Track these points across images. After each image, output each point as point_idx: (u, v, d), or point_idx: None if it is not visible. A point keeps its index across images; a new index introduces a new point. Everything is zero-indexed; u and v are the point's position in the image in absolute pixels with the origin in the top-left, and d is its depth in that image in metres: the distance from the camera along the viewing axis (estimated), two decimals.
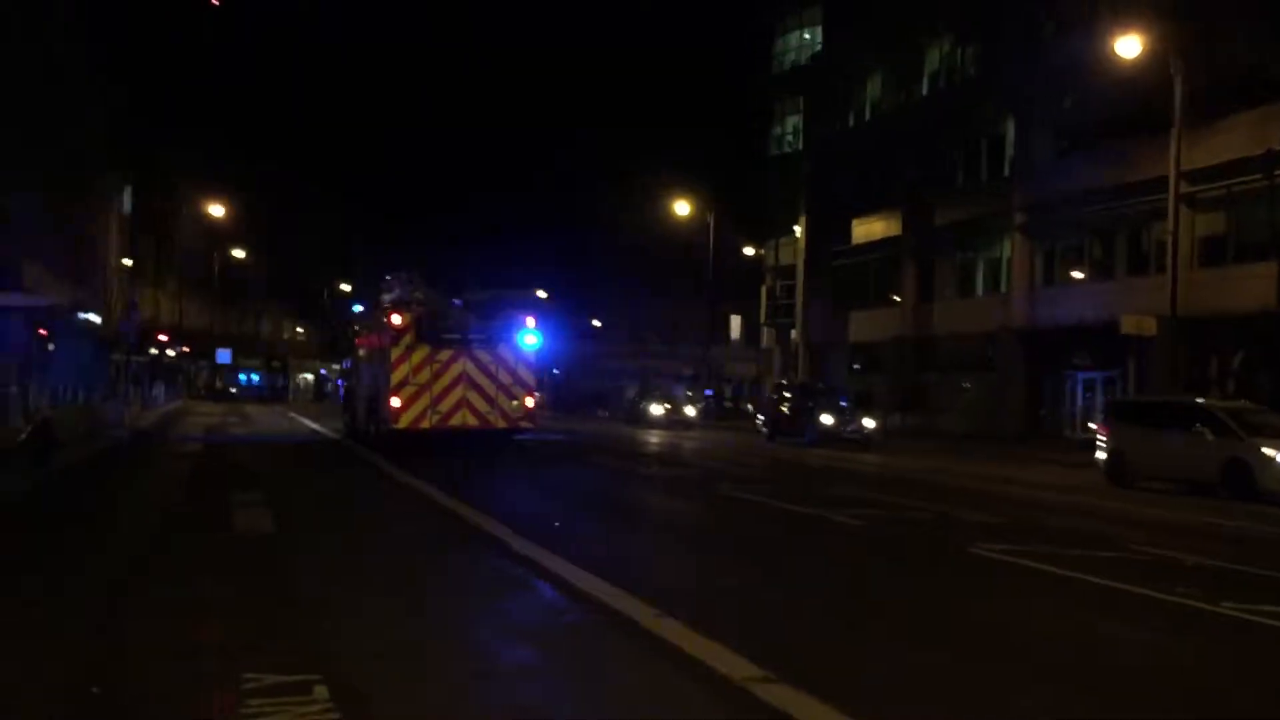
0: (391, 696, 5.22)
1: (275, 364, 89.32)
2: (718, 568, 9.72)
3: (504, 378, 21.71)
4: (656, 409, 43.60)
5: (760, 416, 35.37)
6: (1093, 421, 32.83)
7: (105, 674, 5.58)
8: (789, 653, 5.97)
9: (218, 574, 8.40)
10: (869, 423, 31.08)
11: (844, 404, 32.49)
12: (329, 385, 75.99)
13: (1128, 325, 27.90)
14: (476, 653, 6.23)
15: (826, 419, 30.72)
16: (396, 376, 20.99)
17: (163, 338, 54.82)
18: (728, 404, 60.72)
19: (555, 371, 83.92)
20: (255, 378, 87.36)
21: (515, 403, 21.78)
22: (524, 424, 22.27)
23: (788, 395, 34.56)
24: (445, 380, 21.19)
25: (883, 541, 11.73)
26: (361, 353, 25.62)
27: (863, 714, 4.92)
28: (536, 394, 23.28)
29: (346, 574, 8.64)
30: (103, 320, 44.63)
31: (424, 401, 21.02)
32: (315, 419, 37.99)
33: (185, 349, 66.85)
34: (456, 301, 23.86)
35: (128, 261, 47.10)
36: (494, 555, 9.51)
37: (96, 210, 44.80)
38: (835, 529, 12.35)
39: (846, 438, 30.05)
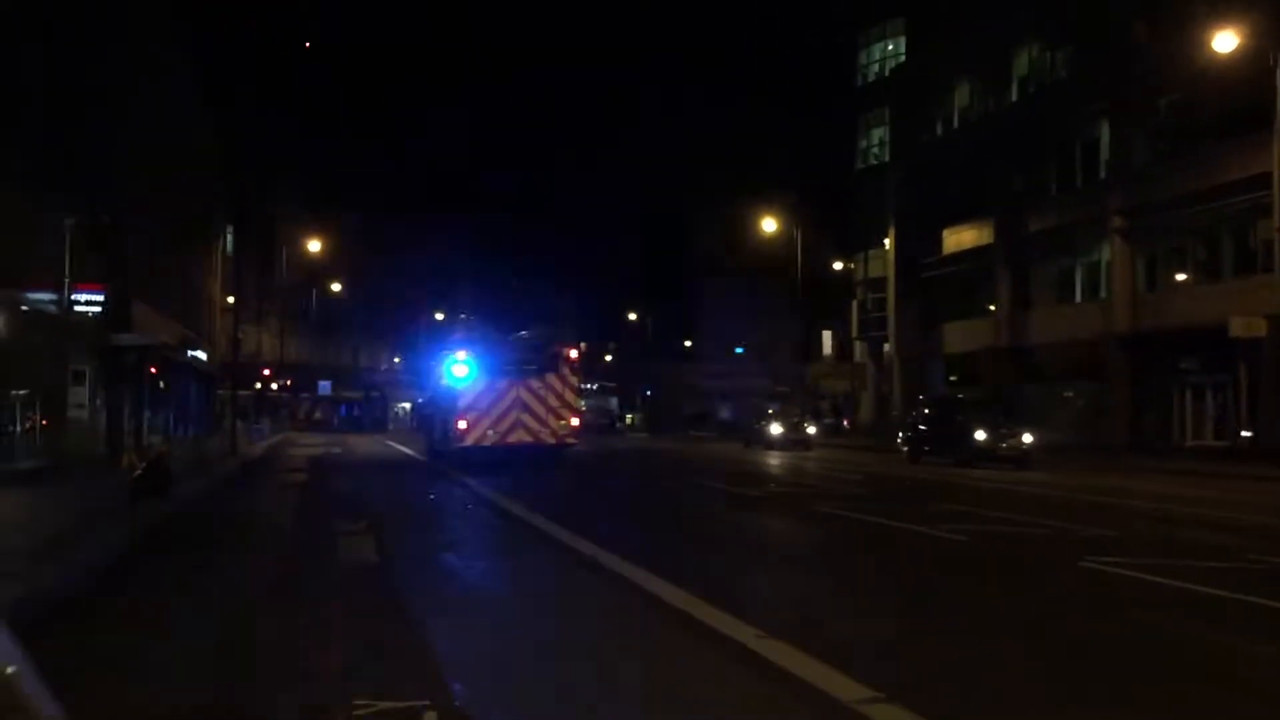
0: None
1: (374, 394, 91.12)
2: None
3: (552, 401, 25.30)
4: (776, 429, 41.47)
5: (901, 434, 32.40)
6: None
7: (225, 699, 5.75)
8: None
9: (328, 601, 8.58)
10: (1028, 438, 27.92)
11: (1000, 418, 29.45)
12: None
13: (1237, 327, 27.10)
14: (583, 677, 6.24)
15: (980, 435, 27.70)
16: (462, 403, 24.97)
17: (266, 372, 56.33)
18: (828, 420, 60.13)
19: (648, 393, 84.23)
20: (355, 408, 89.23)
21: (562, 422, 25.42)
22: (570, 440, 25.83)
23: (930, 409, 31.96)
24: (502, 405, 24.95)
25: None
26: (437, 383, 29.19)
27: None
28: (581, 415, 27.17)
29: (450, 599, 8.76)
30: (209, 357, 46.05)
31: (485, 423, 24.88)
32: (407, 445, 40.11)
33: (287, 382, 68.56)
34: (511, 338, 28.17)
35: (231, 299, 48.55)
36: (586, 572, 9.56)
37: (201, 251, 46.31)
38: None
39: (1002, 456, 27.31)
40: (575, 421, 25.89)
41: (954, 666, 6.39)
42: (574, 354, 26.36)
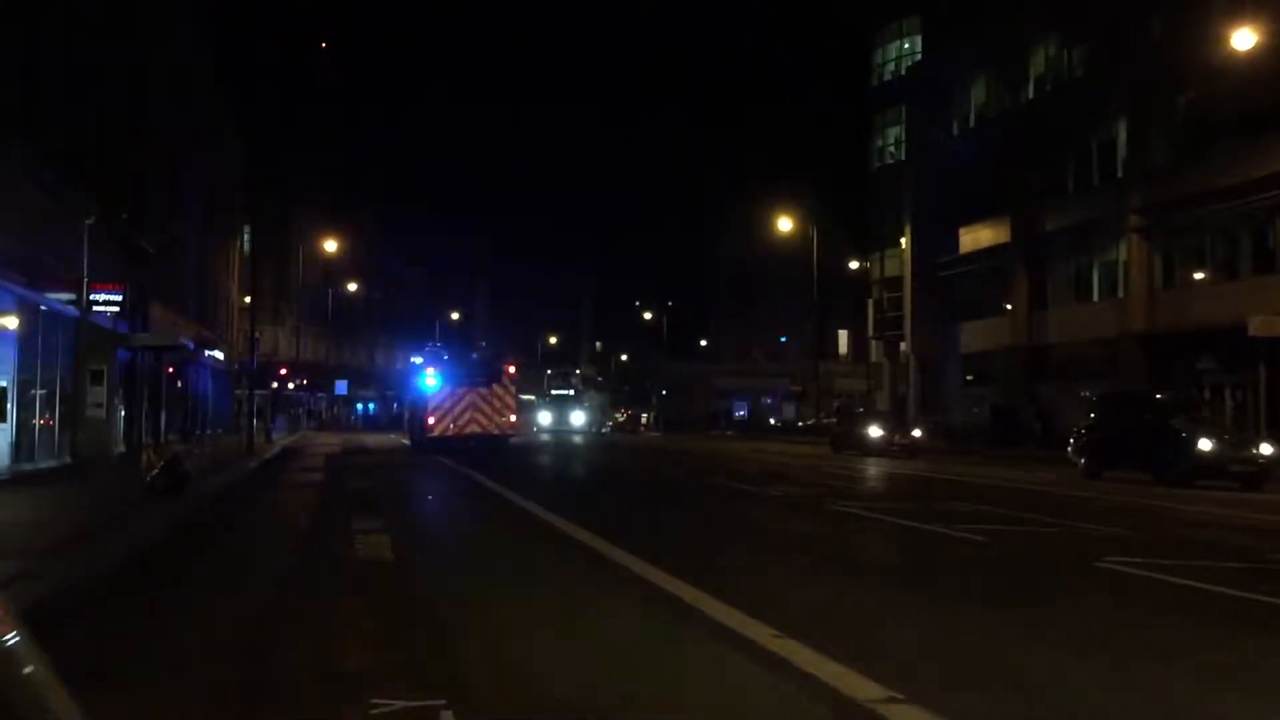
0: None
1: (389, 393, 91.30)
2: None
3: (496, 404, 34.13)
4: (875, 431, 35.24)
5: (1072, 441, 25.54)
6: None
7: (243, 700, 5.77)
8: None
9: (346, 599, 8.60)
10: (1267, 449, 21.34)
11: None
12: None
13: (1256, 326, 26.92)
14: (596, 675, 6.24)
15: (1206, 445, 21.01)
16: (432, 404, 33.90)
17: (283, 371, 56.51)
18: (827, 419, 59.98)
19: (665, 393, 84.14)
20: (371, 407, 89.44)
21: (503, 419, 34.36)
22: (510, 431, 34.90)
23: (1114, 411, 25.39)
24: (460, 406, 33.75)
25: None
26: (415, 390, 37.51)
27: None
28: (518, 413, 36.02)
29: (468, 597, 8.76)
30: (226, 356, 46.24)
31: (448, 419, 33.79)
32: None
33: (304, 381, 68.81)
34: (473, 356, 38.13)
35: (248, 299, 48.70)
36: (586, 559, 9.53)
37: (218, 250, 46.49)
38: None
39: (1232, 473, 20.69)
40: (513, 418, 35.07)
41: None
42: (512, 369, 35.68)
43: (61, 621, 7.27)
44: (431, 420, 33.63)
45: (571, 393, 79.12)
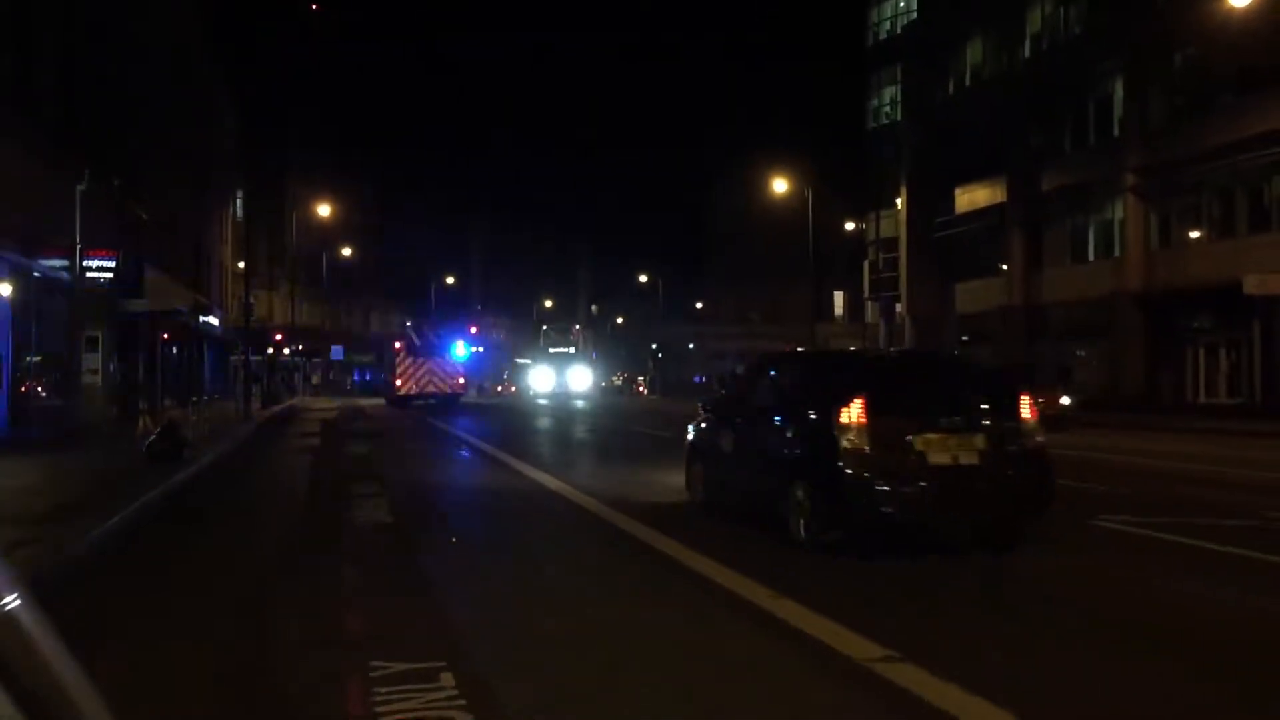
0: (516, 681, 5.32)
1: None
2: None
3: (449, 370, 45.01)
4: None
5: None
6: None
7: (246, 664, 5.82)
8: None
9: (345, 563, 8.66)
10: None
11: None
12: None
13: (1250, 285, 26.97)
14: (592, 629, 6.30)
15: None
16: (398, 370, 44.50)
17: (278, 337, 56.36)
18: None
19: (660, 355, 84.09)
20: (368, 373, 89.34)
21: (454, 381, 44.96)
22: (459, 391, 45.49)
23: None
24: (420, 371, 44.30)
25: None
26: (387, 359, 47.64)
27: None
28: (465, 377, 46.82)
29: (463, 561, 8.82)
30: (221, 322, 46.17)
31: (411, 382, 44.11)
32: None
33: (299, 347, 68.65)
34: (428, 333, 46.63)
35: (241, 265, 48.49)
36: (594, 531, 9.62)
37: (212, 216, 46.30)
38: None
39: None
40: (461, 380, 45.74)
41: None
42: (462, 343, 47.10)
43: (62, 585, 7.32)
44: (399, 383, 44.01)
45: (571, 350, 74.59)
